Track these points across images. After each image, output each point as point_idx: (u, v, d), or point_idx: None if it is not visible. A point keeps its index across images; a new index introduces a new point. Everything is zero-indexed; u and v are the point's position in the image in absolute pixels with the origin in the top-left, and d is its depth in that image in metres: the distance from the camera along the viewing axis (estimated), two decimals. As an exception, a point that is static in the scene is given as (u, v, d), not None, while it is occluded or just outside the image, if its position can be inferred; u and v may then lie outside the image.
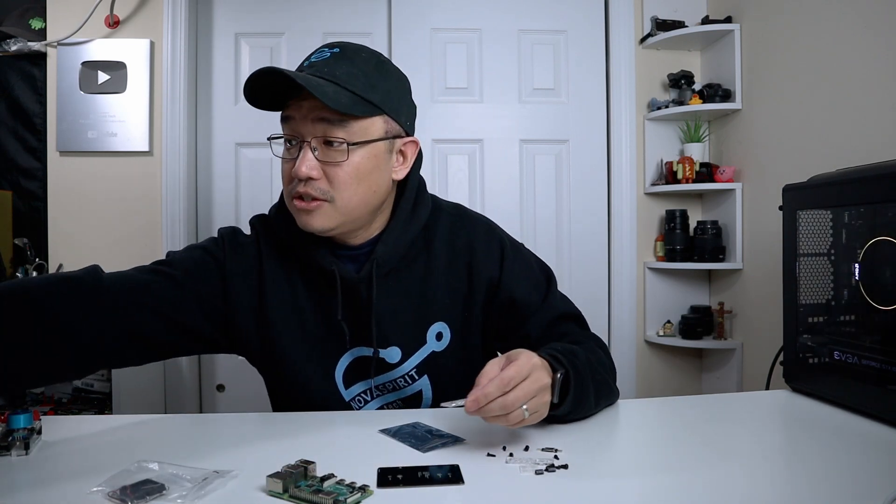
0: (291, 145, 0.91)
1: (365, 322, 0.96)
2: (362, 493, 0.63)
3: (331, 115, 0.86)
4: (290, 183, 0.90)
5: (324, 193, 0.89)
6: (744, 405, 1.04)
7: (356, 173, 0.89)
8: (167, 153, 2.18)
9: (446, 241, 1.01)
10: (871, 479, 0.69)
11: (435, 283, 0.99)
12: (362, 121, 0.89)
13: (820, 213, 1.04)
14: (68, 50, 2.16)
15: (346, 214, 0.91)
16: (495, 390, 0.73)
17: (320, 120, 0.87)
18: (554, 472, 0.70)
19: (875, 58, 1.57)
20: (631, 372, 2.32)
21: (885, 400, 0.88)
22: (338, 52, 0.90)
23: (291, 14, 2.30)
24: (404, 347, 0.98)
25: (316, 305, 0.98)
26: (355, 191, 0.90)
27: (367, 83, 0.89)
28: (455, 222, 1.03)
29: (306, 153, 0.87)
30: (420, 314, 0.99)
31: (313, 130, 0.87)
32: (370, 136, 0.90)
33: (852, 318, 0.99)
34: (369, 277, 0.95)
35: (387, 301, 0.97)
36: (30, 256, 2.10)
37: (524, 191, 2.34)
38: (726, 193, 2.21)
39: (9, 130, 2.17)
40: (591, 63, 2.36)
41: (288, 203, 0.93)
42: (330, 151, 0.88)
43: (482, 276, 1.00)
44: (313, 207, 0.89)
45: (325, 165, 0.88)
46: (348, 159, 0.88)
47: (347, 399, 1.00)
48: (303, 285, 0.98)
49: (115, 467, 0.69)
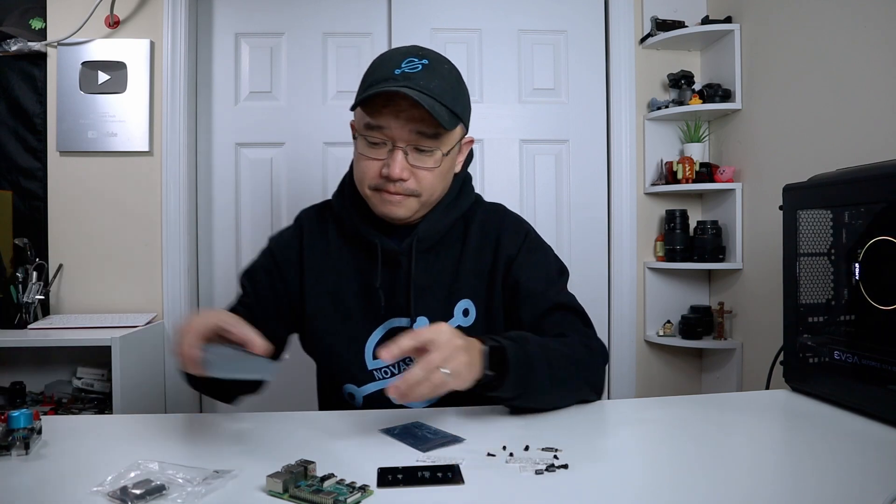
0: (378, 146, 1.00)
1: (402, 292, 1.06)
2: (362, 493, 0.63)
3: (428, 128, 0.97)
4: (377, 178, 1.01)
5: (411, 191, 1.01)
6: (744, 405, 1.04)
7: (441, 174, 1.03)
8: (167, 153, 2.18)
9: (480, 228, 1.11)
10: (871, 479, 0.69)
11: (465, 263, 1.08)
12: (451, 132, 1.01)
13: (820, 212, 1.04)
14: (68, 50, 2.16)
15: (426, 206, 1.05)
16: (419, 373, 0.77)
17: (418, 130, 0.97)
18: (554, 472, 0.70)
19: (875, 57, 1.57)
20: (631, 372, 2.32)
21: (885, 400, 0.88)
22: (427, 63, 0.98)
23: (291, 14, 2.30)
24: (432, 320, 1.06)
25: (356, 282, 1.08)
26: (437, 187, 1.04)
27: (454, 97, 1.00)
28: (491, 215, 1.14)
29: (398, 156, 0.98)
30: (450, 290, 1.08)
31: (408, 137, 0.98)
32: (454, 143, 1.04)
33: (852, 318, 0.99)
34: (409, 250, 1.05)
35: (422, 276, 1.06)
36: (30, 256, 2.10)
37: (524, 191, 2.34)
38: (726, 193, 2.21)
39: (9, 130, 2.17)
40: (591, 63, 2.36)
41: (366, 191, 1.04)
42: (420, 156, 1.00)
43: (503, 256, 1.08)
44: (399, 200, 1.01)
45: (415, 168, 1.00)
46: (440, 165, 1.01)
47: (370, 368, 1.07)
48: (346, 263, 1.09)
49: (115, 467, 0.69)
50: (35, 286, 2.06)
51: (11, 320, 2.02)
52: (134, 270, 2.20)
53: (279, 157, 2.30)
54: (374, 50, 2.30)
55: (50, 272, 2.17)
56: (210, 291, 2.30)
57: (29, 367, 2.13)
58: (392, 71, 0.97)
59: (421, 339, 0.79)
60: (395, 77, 0.96)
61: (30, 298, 2.05)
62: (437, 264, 1.08)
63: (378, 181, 1.01)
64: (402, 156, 0.98)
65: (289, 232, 1.15)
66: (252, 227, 2.30)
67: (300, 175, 2.30)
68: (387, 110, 0.96)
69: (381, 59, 1.02)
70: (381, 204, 1.02)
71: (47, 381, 2.12)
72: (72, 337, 1.87)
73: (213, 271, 2.30)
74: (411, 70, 0.96)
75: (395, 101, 0.95)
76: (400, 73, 0.96)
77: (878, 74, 1.55)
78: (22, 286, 2.05)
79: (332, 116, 2.30)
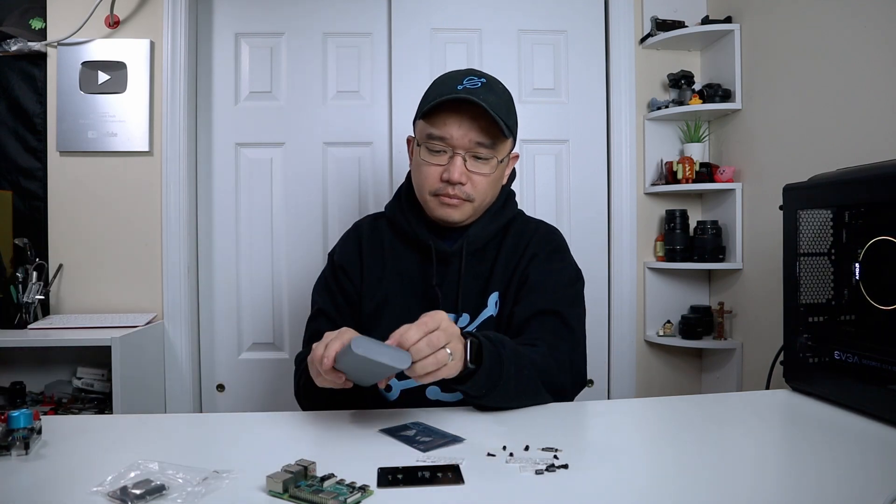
0: (439, 153, 1.11)
1: (452, 289, 1.15)
2: (362, 493, 0.63)
3: (485, 137, 1.09)
4: (437, 183, 1.12)
5: (467, 195, 1.12)
6: (744, 405, 1.04)
7: (493, 181, 1.15)
8: (167, 153, 2.18)
9: (516, 234, 1.22)
10: (871, 479, 0.69)
11: (500, 263, 1.17)
12: (505, 142, 1.14)
13: (820, 212, 1.04)
14: (68, 50, 2.16)
15: (477, 211, 1.16)
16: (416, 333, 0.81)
17: (477, 140, 1.09)
18: (554, 472, 0.70)
19: (875, 57, 1.57)
20: (631, 372, 2.32)
21: (885, 400, 0.88)
22: (485, 81, 1.11)
23: (291, 14, 2.30)
24: (472, 313, 1.16)
25: (409, 281, 1.17)
26: (488, 193, 1.15)
27: (507, 111, 1.12)
28: (529, 225, 1.24)
29: (458, 162, 1.10)
30: (485, 286, 1.17)
31: (467, 145, 1.09)
32: (505, 154, 1.16)
33: (852, 318, 0.99)
34: (460, 251, 1.16)
35: (467, 275, 1.16)
36: (30, 256, 2.10)
37: (524, 191, 2.34)
38: (726, 193, 2.21)
39: (9, 130, 2.17)
40: (591, 63, 2.36)
41: (426, 196, 1.14)
42: (477, 163, 1.11)
43: (528, 254, 1.18)
44: (456, 204, 1.12)
45: (472, 173, 1.11)
46: (494, 172, 1.13)
47: None
48: (400, 265, 1.19)
49: (115, 467, 0.69)
50: (35, 286, 2.06)
51: (11, 320, 2.03)
52: (134, 270, 2.20)
53: (279, 157, 2.30)
54: (374, 50, 2.31)
55: (50, 272, 2.17)
56: (210, 291, 2.30)
57: (29, 367, 2.13)
58: (455, 87, 1.09)
59: (427, 330, 0.83)
60: (458, 92, 1.08)
61: (30, 298, 2.05)
62: (479, 265, 1.18)
63: (438, 185, 1.11)
64: (462, 161, 1.10)
65: (347, 238, 1.27)
66: (252, 227, 2.30)
67: (300, 175, 2.30)
68: (450, 121, 1.08)
69: (443, 78, 1.15)
70: (440, 208, 1.13)
71: (47, 381, 2.12)
72: (72, 337, 1.87)
73: (213, 271, 2.30)
74: (472, 86, 1.09)
75: (459, 112, 1.08)
76: (462, 88, 1.08)
77: (878, 74, 1.55)
78: (22, 286, 2.05)
79: (332, 116, 2.30)
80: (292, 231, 2.30)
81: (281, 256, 2.30)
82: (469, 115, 1.07)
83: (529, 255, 1.17)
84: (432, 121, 1.10)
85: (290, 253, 2.30)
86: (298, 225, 2.30)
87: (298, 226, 2.30)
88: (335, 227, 2.28)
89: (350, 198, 2.32)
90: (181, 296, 2.19)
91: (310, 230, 2.30)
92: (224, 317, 2.29)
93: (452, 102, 1.07)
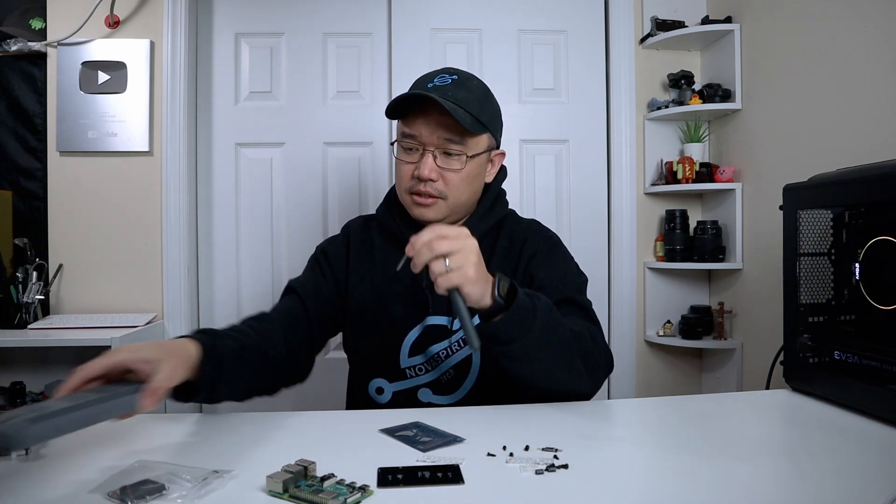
0: (412, 151, 1.10)
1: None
2: (362, 493, 0.63)
3: (453, 134, 1.07)
4: (410, 180, 1.10)
5: (440, 192, 1.09)
6: (744, 405, 1.04)
7: (467, 178, 1.11)
8: (167, 153, 2.18)
9: (509, 235, 1.20)
10: (871, 479, 0.69)
11: (494, 263, 1.15)
12: (476, 137, 1.10)
13: (820, 212, 1.04)
14: (68, 50, 2.16)
15: (453, 209, 1.12)
16: (427, 235, 0.86)
17: (445, 136, 1.07)
18: (554, 472, 0.70)
19: (875, 57, 1.57)
20: (631, 372, 2.32)
21: (885, 400, 0.88)
22: (456, 78, 1.11)
23: (291, 14, 2.30)
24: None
25: (397, 283, 1.15)
26: (463, 191, 1.12)
27: (480, 107, 1.10)
28: (521, 225, 1.22)
29: (428, 159, 1.08)
30: None
31: (437, 142, 1.08)
32: (480, 149, 1.12)
33: (852, 318, 0.99)
34: None
35: None
36: (30, 256, 2.10)
37: (524, 191, 2.34)
38: (726, 193, 2.21)
39: (9, 130, 2.17)
40: (591, 63, 2.36)
41: (404, 195, 1.13)
42: (448, 159, 1.09)
43: (526, 254, 1.16)
44: (429, 203, 1.10)
45: (443, 170, 1.09)
46: (465, 167, 1.09)
47: (403, 366, 1.13)
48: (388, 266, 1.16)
49: (115, 467, 0.69)
50: (35, 286, 2.06)
51: (11, 320, 2.02)
52: (134, 270, 2.20)
53: (279, 157, 2.30)
54: (374, 50, 2.31)
55: (50, 272, 2.17)
56: (210, 291, 2.30)
57: (29, 367, 2.13)
58: (425, 85, 1.10)
59: (438, 235, 0.86)
60: (427, 89, 1.08)
61: (30, 298, 2.05)
62: None
63: (411, 183, 1.10)
64: (432, 158, 1.08)
65: (336, 237, 1.26)
66: (252, 227, 2.30)
67: (300, 175, 2.30)
68: (419, 119, 1.08)
69: (420, 78, 1.15)
70: (414, 207, 1.12)
71: (47, 381, 2.12)
72: (72, 337, 1.87)
73: (213, 271, 2.30)
74: (441, 83, 1.09)
75: (427, 110, 1.07)
76: (432, 86, 1.09)
77: (878, 74, 1.55)
78: (22, 286, 2.05)
79: (332, 116, 2.30)
80: (292, 231, 2.30)
81: (281, 256, 2.30)
82: (438, 111, 1.06)
83: (529, 254, 1.16)
84: (405, 120, 1.11)
85: (289, 253, 2.30)
86: (298, 225, 2.30)
87: (298, 226, 2.30)
88: (335, 227, 2.28)
89: (350, 198, 2.32)
90: (181, 296, 2.19)
91: (310, 230, 2.30)
92: (224, 317, 2.29)
93: (421, 100, 1.07)
